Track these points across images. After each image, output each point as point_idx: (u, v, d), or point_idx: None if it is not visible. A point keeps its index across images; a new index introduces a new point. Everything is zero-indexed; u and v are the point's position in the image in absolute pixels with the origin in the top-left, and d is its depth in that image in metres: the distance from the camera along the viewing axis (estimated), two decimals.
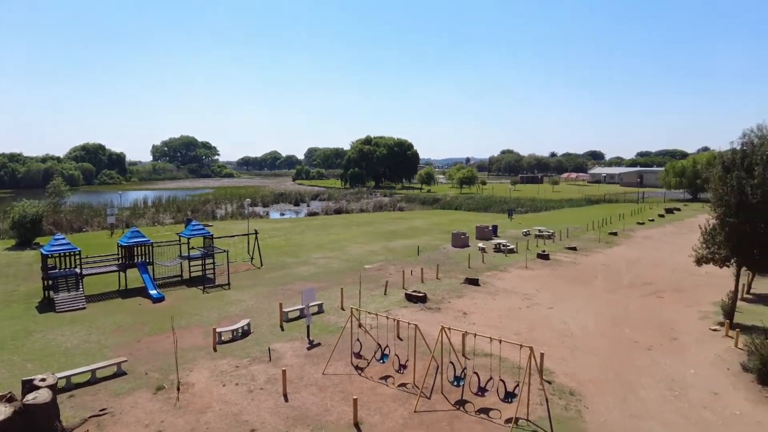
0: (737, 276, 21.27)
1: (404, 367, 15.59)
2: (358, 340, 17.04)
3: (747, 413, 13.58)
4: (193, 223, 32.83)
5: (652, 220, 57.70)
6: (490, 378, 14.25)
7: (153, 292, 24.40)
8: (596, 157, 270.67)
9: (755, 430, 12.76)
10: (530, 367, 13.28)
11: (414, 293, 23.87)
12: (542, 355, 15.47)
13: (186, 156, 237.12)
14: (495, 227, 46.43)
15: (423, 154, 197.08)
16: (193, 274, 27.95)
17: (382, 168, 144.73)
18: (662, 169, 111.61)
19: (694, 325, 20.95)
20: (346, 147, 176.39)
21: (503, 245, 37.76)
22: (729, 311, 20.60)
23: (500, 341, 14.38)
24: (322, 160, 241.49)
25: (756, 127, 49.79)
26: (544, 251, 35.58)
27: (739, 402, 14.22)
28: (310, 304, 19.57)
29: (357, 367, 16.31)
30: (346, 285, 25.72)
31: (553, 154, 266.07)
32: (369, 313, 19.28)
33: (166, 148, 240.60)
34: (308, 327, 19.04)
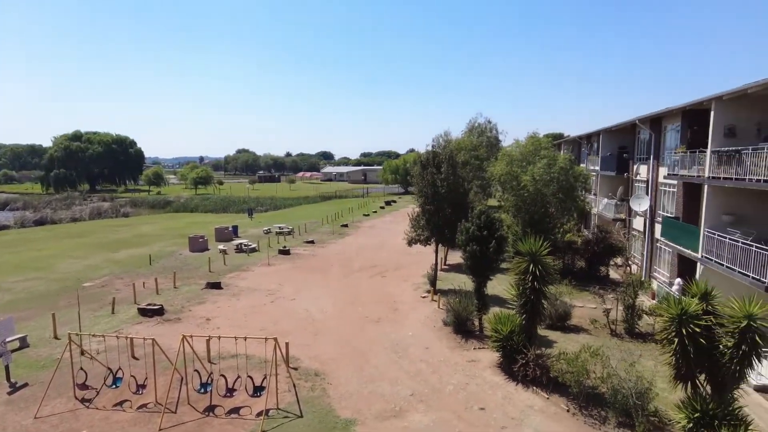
0: (436, 252, 26.38)
1: (143, 387, 14.17)
2: (81, 369, 14.69)
3: (447, 358, 17.08)
4: None
5: (375, 212, 66.00)
6: (238, 377, 14.23)
7: None
8: (327, 157, 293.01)
9: (453, 369, 16.15)
10: (276, 358, 13.79)
11: (149, 306, 21.77)
12: (287, 344, 16.24)
13: None
14: (235, 228, 45.81)
15: (149, 153, 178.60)
16: None
17: (97, 168, 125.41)
18: (381, 167, 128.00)
19: (410, 295, 25.05)
20: (46, 143, 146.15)
21: (245, 245, 37.63)
22: (432, 280, 25.33)
23: (245, 339, 14.47)
24: (11, 160, 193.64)
25: (443, 133, 61.19)
26: (285, 247, 36.96)
27: (443, 350, 17.75)
28: (7, 340, 15.86)
29: (83, 400, 14.06)
30: (59, 309, 21.71)
31: (288, 154, 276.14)
32: (94, 336, 16.77)
33: None
34: (7, 367, 15.39)
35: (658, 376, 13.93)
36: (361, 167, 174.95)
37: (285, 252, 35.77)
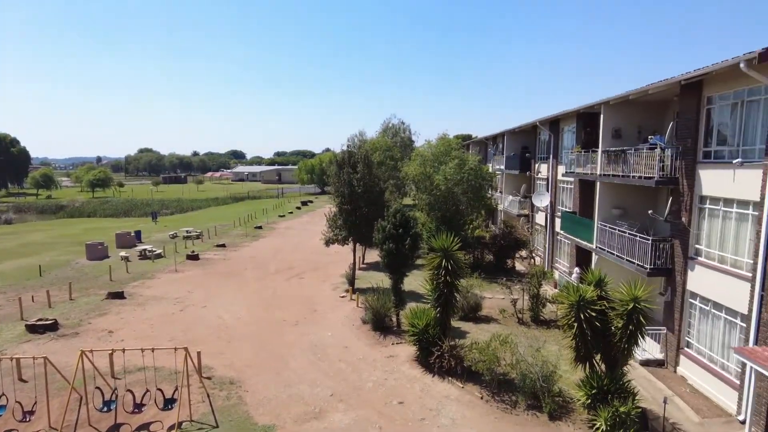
0: (354, 251, 26.49)
1: (31, 413, 12.77)
2: None
3: (367, 355, 17.22)
4: None
5: (291, 213, 64.87)
6: (147, 391, 13.33)
7: None
8: (238, 156, 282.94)
9: (372, 366, 16.31)
10: (187, 369, 13.10)
11: (39, 322, 19.70)
12: (199, 353, 15.48)
13: None
14: (138, 233, 42.86)
15: (37, 153, 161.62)
16: None
17: None
18: (296, 167, 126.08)
19: (329, 295, 24.92)
20: None
21: (149, 251, 35.30)
22: (351, 280, 25.40)
23: (153, 350, 13.60)
24: None
25: (358, 133, 61.73)
26: (193, 252, 35.18)
27: (362, 348, 17.87)
28: None
29: None
30: None
31: (195, 153, 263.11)
32: None
33: None
34: None
35: (561, 359, 15.05)
36: (276, 167, 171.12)
37: (194, 257, 34.05)
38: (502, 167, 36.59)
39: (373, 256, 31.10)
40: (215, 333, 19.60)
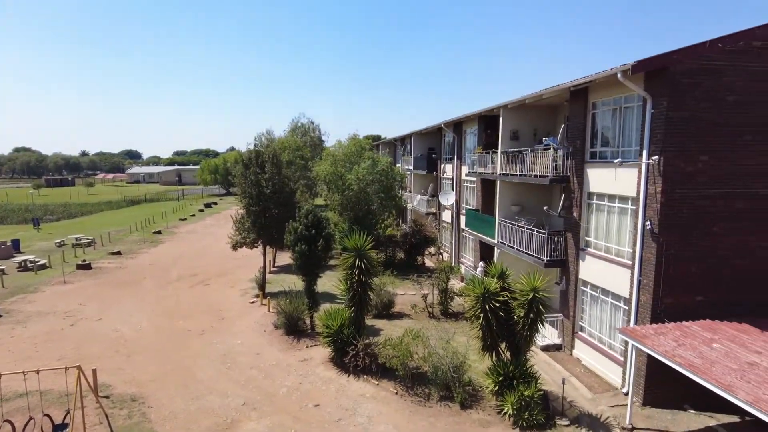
0: (264, 254, 25.74)
1: None
2: None
3: (280, 360, 16.83)
4: None
5: (194, 216, 61.56)
6: (30, 419, 11.92)
7: None
8: (133, 156, 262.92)
9: (286, 371, 15.97)
10: (80, 389, 11.95)
11: None
12: (94, 371, 14.20)
13: None
14: (16, 242, 38.29)
15: None
16: None
17: None
18: (198, 167, 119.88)
19: (237, 301, 23.99)
20: None
21: (31, 261, 31.68)
22: (261, 284, 24.67)
23: (38, 372, 12.23)
24: None
25: (266, 132, 60.08)
26: (85, 260, 32.12)
27: (274, 354, 17.42)
28: None
29: None
30: None
31: (84, 153, 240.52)
32: None
33: None
34: None
35: (470, 350, 15.77)
36: (175, 167, 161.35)
37: (85, 266, 31.10)
38: (411, 167, 37.57)
39: (285, 258, 30.45)
40: (112, 348, 18.06)
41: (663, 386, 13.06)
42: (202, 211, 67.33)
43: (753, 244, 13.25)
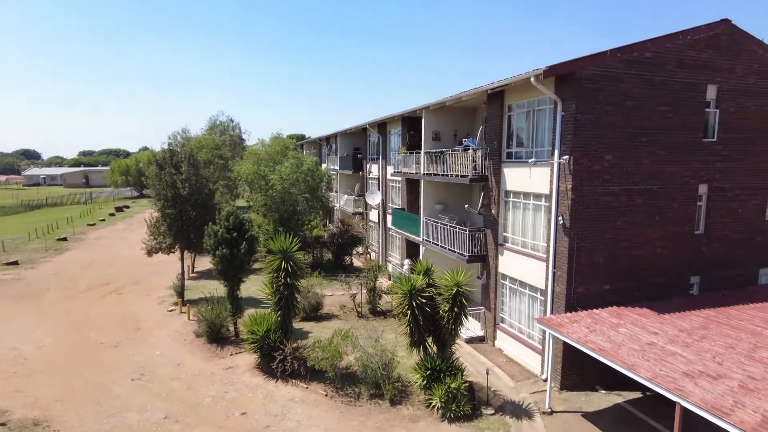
0: (182, 259, 24.50)
1: None
2: None
3: (203, 370, 16.11)
4: None
5: (104, 220, 57.27)
6: None
7: None
8: (31, 156, 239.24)
9: (209, 380, 15.32)
10: None
11: None
12: None
13: None
14: None
15: None
16: None
17: None
18: (108, 168, 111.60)
19: (154, 311, 22.64)
20: None
21: None
22: (180, 291, 23.44)
23: None
24: None
25: (181, 130, 57.33)
26: None
27: (197, 363, 16.64)
28: None
29: None
30: None
31: None
32: None
33: None
34: None
35: (398, 346, 15.98)
36: (81, 168, 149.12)
37: None
38: (337, 167, 37.45)
39: (205, 263, 29.17)
40: (9, 368, 16.35)
41: (578, 370, 14.05)
42: (113, 215, 62.79)
43: (648, 235, 14.60)
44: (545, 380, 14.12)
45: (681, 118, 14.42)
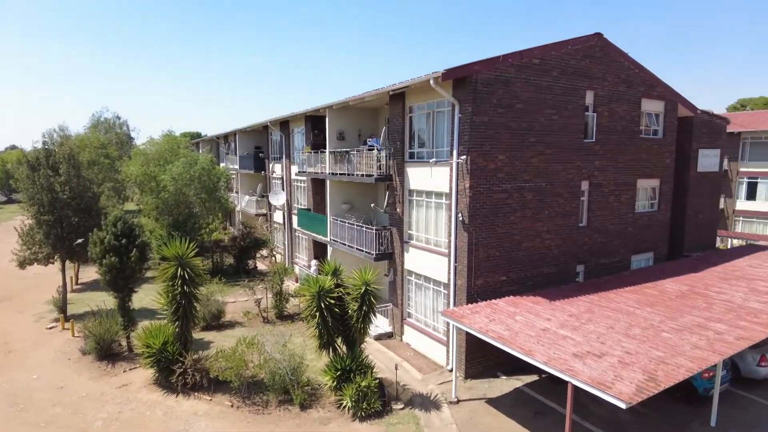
0: (63, 270, 22.04)
1: None
2: None
3: (91, 391, 14.64)
4: None
5: None
6: None
7: None
8: None
9: (100, 402, 13.97)
10: None
11: None
12: None
13: None
14: None
15: None
16: None
17: None
18: None
19: (31, 329, 20.18)
20: None
21: None
22: (62, 305, 21.12)
23: None
24: None
25: (58, 127, 51.72)
26: None
27: (84, 384, 15.08)
28: None
29: None
30: None
31: None
32: None
33: None
34: None
35: (307, 349, 15.73)
36: None
37: None
38: (237, 167, 35.99)
39: (91, 273, 26.59)
40: None
41: (481, 359, 14.81)
42: None
43: (539, 229, 15.77)
44: (451, 371, 14.69)
45: (564, 120, 15.76)
